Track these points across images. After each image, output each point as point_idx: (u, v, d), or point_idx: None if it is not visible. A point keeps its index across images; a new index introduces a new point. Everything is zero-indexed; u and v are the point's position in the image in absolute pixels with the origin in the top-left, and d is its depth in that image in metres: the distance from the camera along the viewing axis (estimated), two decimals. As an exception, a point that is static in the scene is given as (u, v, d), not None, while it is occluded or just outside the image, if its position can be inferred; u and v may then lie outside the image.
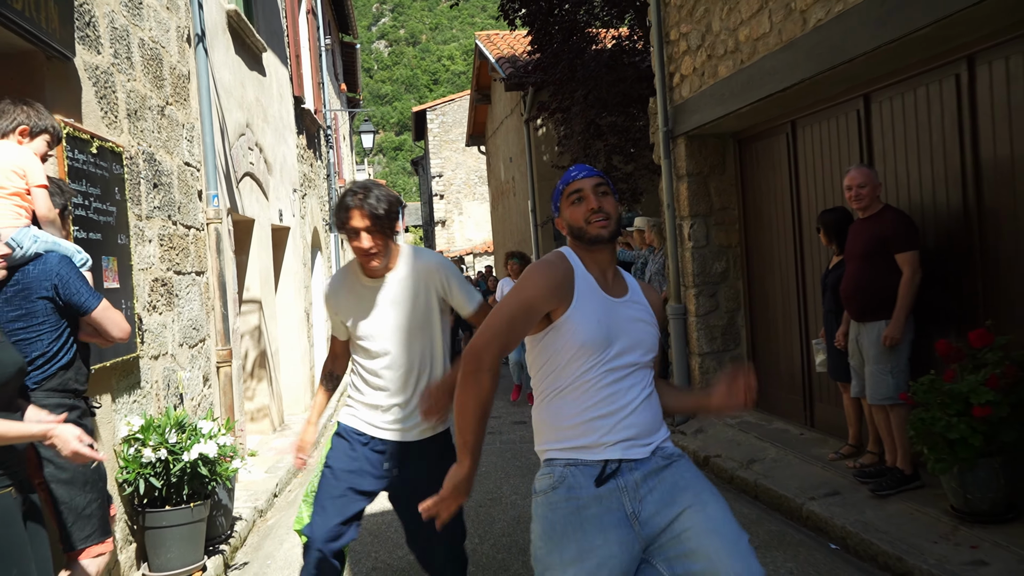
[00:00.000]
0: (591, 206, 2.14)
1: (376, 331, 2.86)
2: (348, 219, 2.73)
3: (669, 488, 2.05)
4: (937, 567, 3.48)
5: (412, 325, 2.86)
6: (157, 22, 4.98)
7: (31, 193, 2.84)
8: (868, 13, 4.14)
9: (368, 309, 2.87)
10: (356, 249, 2.77)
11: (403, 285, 2.87)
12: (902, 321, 4.14)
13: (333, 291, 2.96)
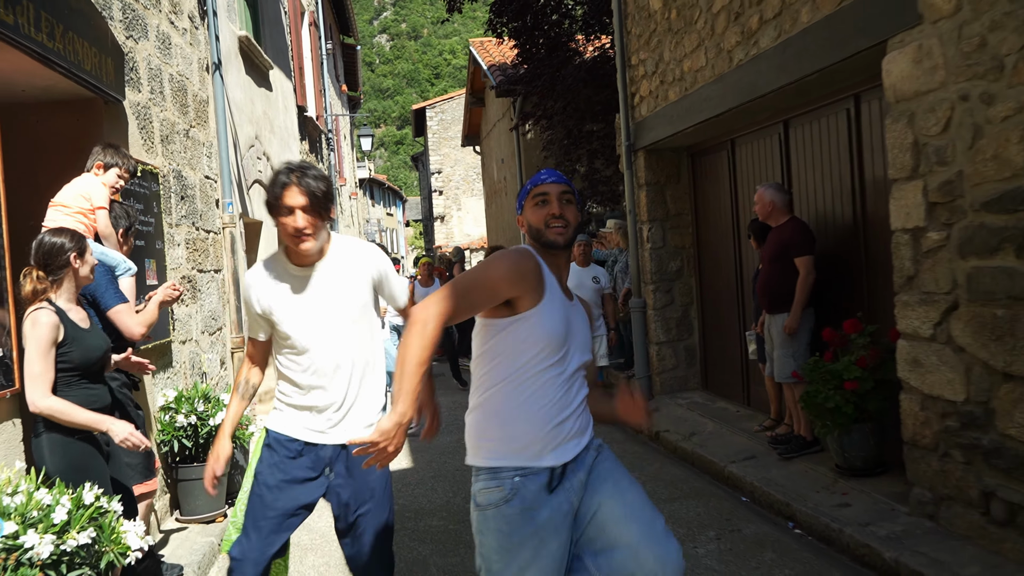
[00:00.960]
0: (553, 211, 2.23)
1: (307, 324, 2.64)
2: (283, 195, 2.53)
3: (593, 479, 2.17)
4: (813, 510, 4.36)
5: (347, 316, 2.66)
6: (182, 58, 5.85)
7: (95, 213, 3.73)
8: (773, 59, 5.02)
9: (298, 300, 2.64)
10: (287, 229, 2.54)
11: (336, 274, 2.66)
12: (798, 313, 5.03)
13: (256, 282, 2.68)
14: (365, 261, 2.70)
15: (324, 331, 2.64)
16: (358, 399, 2.70)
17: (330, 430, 2.67)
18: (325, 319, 2.63)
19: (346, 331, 2.65)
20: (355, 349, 2.68)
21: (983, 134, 3.38)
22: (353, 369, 2.68)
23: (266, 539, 2.60)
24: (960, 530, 3.67)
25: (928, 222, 3.76)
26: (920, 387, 3.90)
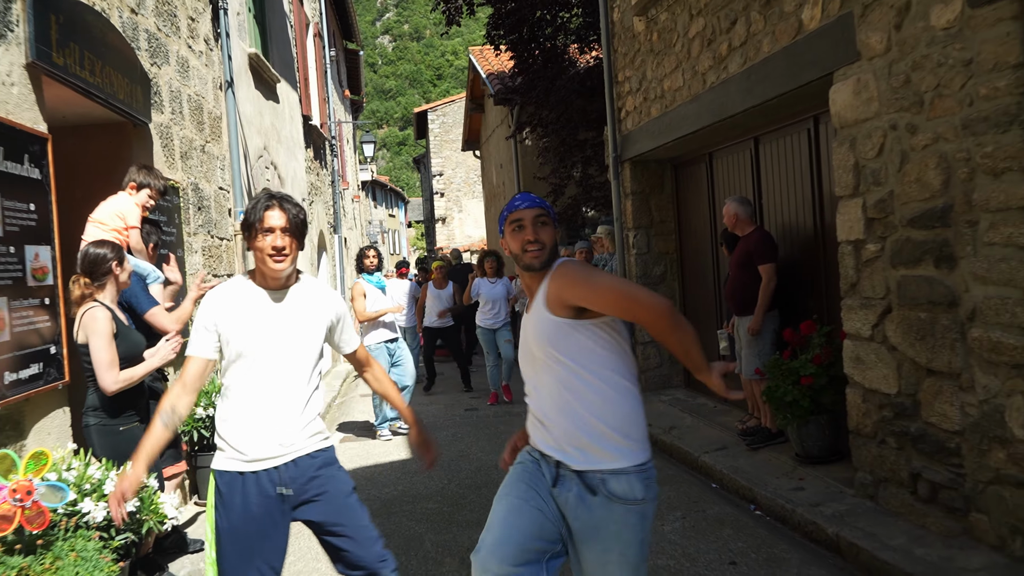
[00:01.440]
0: (528, 236, 2.38)
1: (269, 342, 2.68)
2: (265, 217, 2.64)
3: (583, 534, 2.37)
4: (772, 493, 4.83)
5: (303, 341, 2.73)
6: (199, 78, 6.34)
7: (128, 231, 4.21)
8: (741, 83, 5.49)
9: (262, 318, 2.69)
10: (266, 248, 2.63)
11: (303, 301, 2.77)
12: (761, 315, 5.50)
13: (220, 299, 2.71)
14: (331, 302, 2.84)
15: (287, 351, 2.69)
16: (288, 419, 2.69)
17: (281, 448, 2.66)
18: (289, 339, 2.69)
19: (302, 355, 2.71)
20: (305, 374, 2.72)
21: (908, 160, 3.85)
22: (298, 392, 2.71)
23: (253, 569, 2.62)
24: (893, 508, 4.14)
25: (867, 235, 4.23)
26: (862, 382, 4.37)
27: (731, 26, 5.62)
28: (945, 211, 3.65)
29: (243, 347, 2.65)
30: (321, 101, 14.22)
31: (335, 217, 14.66)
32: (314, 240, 12.12)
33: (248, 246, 2.72)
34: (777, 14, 4.99)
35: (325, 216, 13.79)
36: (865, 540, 3.90)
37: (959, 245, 3.58)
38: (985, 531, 3.55)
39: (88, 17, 3.93)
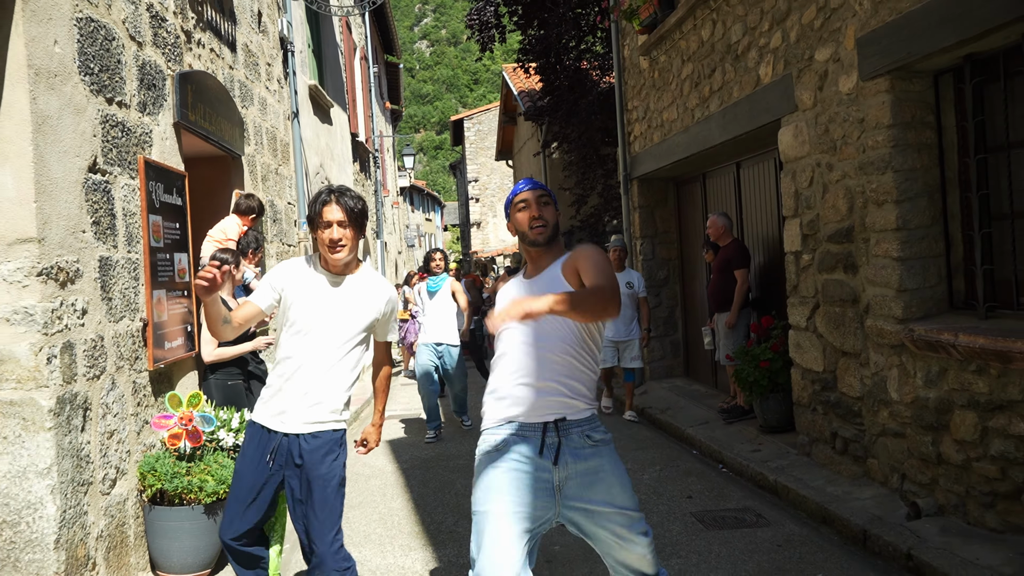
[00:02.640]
0: (533, 213, 2.62)
1: (315, 322, 2.92)
2: (323, 211, 2.88)
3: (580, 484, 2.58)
4: (735, 454, 6.00)
5: (349, 329, 2.95)
6: (273, 113, 7.68)
7: (227, 241, 5.52)
8: (719, 120, 6.67)
9: (316, 294, 2.93)
10: (324, 240, 2.89)
11: (360, 290, 2.99)
12: (735, 312, 6.67)
13: (292, 267, 3.00)
14: (383, 296, 3.06)
15: (324, 327, 2.91)
16: (321, 398, 2.94)
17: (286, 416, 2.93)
18: (331, 318, 2.92)
19: (341, 337, 2.94)
20: (341, 355, 2.95)
21: (827, 190, 5.02)
22: (330, 372, 2.94)
23: (242, 514, 2.95)
24: (820, 461, 5.31)
25: (803, 247, 5.40)
26: (801, 363, 5.54)
27: (712, 73, 6.80)
28: (849, 231, 4.81)
29: (295, 318, 2.92)
30: (366, 118, 15.60)
31: (378, 224, 16.02)
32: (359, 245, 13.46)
33: (313, 236, 3.03)
34: (743, 68, 6.17)
35: (369, 223, 15.15)
36: (794, 483, 5.07)
37: (859, 256, 4.75)
38: (876, 472, 4.70)
39: (208, 82, 5.25)
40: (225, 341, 4.18)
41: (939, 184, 4.33)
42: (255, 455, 2.97)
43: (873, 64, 4.39)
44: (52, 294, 3.15)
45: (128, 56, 4.02)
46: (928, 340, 4.08)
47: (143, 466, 3.87)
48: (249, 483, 2.95)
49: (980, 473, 3.84)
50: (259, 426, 2.99)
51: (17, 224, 3.04)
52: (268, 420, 2.97)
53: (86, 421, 3.38)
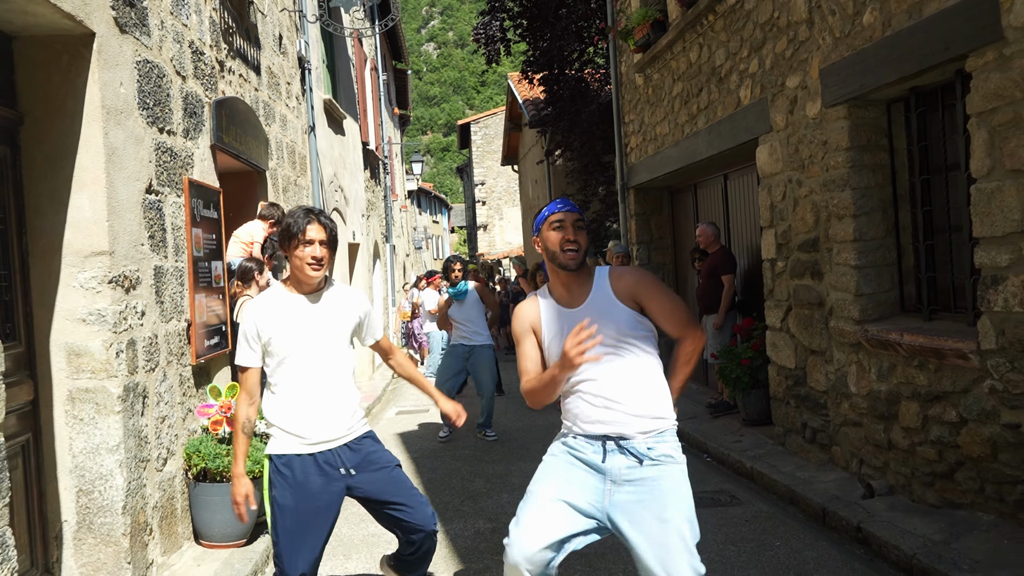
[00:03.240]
0: (568, 236, 2.62)
1: (309, 342, 3.01)
2: (307, 229, 2.95)
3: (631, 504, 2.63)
4: (718, 445, 6.53)
5: (339, 338, 3.08)
6: (292, 128, 8.25)
7: (252, 245, 6.09)
8: (705, 136, 7.21)
9: (304, 322, 3.02)
10: (305, 257, 2.95)
11: (338, 304, 3.11)
12: (722, 314, 7.20)
13: (259, 311, 3.04)
14: (358, 300, 3.22)
15: (325, 347, 3.03)
16: (340, 402, 3.08)
17: (324, 433, 3.02)
18: (327, 336, 3.04)
19: (337, 348, 3.07)
20: (342, 364, 3.09)
21: (798, 204, 5.56)
22: (338, 382, 3.07)
23: (306, 559, 2.97)
24: (792, 449, 5.84)
25: (777, 256, 5.94)
26: (776, 361, 6.07)
27: (699, 92, 7.34)
28: (816, 241, 5.35)
29: (288, 349, 2.99)
30: (376, 126, 16.18)
31: (387, 228, 16.60)
32: (370, 249, 14.04)
33: (286, 255, 3.05)
34: (726, 89, 6.71)
35: (379, 227, 15.73)
36: (767, 469, 5.61)
37: (823, 264, 5.28)
38: (839, 458, 5.24)
39: (238, 106, 5.81)
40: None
41: (892, 200, 4.87)
42: (298, 484, 2.98)
43: (834, 93, 4.93)
44: (119, 299, 3.72)
45: (175, 89, 4.59)
46: (880, 339, 4.62)
47: (188, 448, 4.43)
48: (297, 516, 2.97)
49: (922, 456, 4.37)
50: (291, 456, 3.01)
51: (92, 239, 3.60)
52: (305, 448, 3.01)
53: (144, 407, 3.94)
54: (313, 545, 2.98)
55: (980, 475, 3.95)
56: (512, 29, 14.25)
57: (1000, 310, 3.68)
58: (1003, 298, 3.66)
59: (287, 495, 2.97)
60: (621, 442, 2.60)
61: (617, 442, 2.60)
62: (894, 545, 3.98)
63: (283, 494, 2.98)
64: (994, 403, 3.79)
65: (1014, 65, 3.50)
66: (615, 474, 2.59)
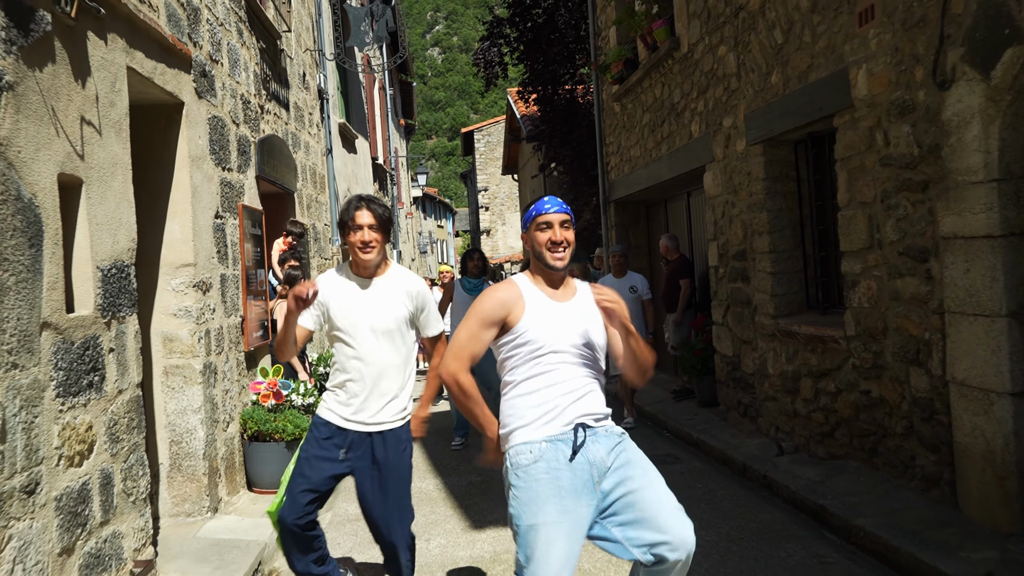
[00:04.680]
0: (554, 237, 2.66)
1: (355, 325, 3.15)
2: (355, 216, 3.12)
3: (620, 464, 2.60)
4: (677, 422, 7.76)
5: (385, 326, 3.16)
6: (313, 153, 9.52)
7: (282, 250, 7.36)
8: (667, 161, 8.46)
9: (353, 300, 3.17)
10: (355, 242, 3.12)
11: (387, 289, 3.21)
12: (679, 312, 8.45)
13: (325, 281, 3.23)
14: (413, 289, 3.28)
15: (368, 334, 3.16)
16: (383, 396, 3.21)
17: (353, 417, 3.21)
18: (371, 323, 3.16)
19: (383, 338, 3.18)
20: (389, 352, 3.20)
21: (732, 222, 6.81)
22: (383, 369, 3.19)
23: (304, 506, 3.17)
24: (732, 423, 7.09)
25: (719, 263, 7.19)
26: (720, 350, 7.32)
27: (662, 123, 8.60)
28: (744, 252, 6.60)
29: (339, 325, 3.20)
30: (384, 140, 17.47)
31: (394, 235, 17.89)
32: (379, 255, 15.31)
33: (343, 241, 3.24)
34: (682, 123, 7.97)
35: (387, 235, 17.00)
36: (708, 438, 6.85)
37: (750, 271, 6.53)
38: (763, 427, 6.48)
39: (275, 141, 7.08)
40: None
41: (799, 220, 6.12)
42: (322, 446, 3.23)
43: (753, 134, 6.18)
44: (200, 299, 4.98)
45: (232, 135, 5.86)
46: (786, 330, 5.87)
47: (244, 415, 5.70)
48: (319, 471, 3.20)
49: (814, 420, 5.62)
50: (331, 424, 3.25)
51: (181, 255, 4.87)
52: (342, 421, 3.22)
53: (216, 381, 5.21)
54: (304, 495, 3.18)
55: (849, 432, 5.19)
56: (509, 54, 15.53)
57: (856, 306, 4.93)
58: (858, 297, 4.91)
59: (307, 449, 3.26)
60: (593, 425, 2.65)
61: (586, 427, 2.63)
62: (785, 485, 5.23)
63: (305, 448, 3.27)
64: (855, 376, 5.04)
65: (860, 126, 4.75)
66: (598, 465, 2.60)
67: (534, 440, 2.59)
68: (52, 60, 3.16)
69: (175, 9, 4.74)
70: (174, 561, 4.24)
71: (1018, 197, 3.70)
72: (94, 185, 3.50)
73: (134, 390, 3.78)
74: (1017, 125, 3.66)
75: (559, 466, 2.54)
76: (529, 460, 2.56)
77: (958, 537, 3.88)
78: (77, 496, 3.17)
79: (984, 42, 3.66)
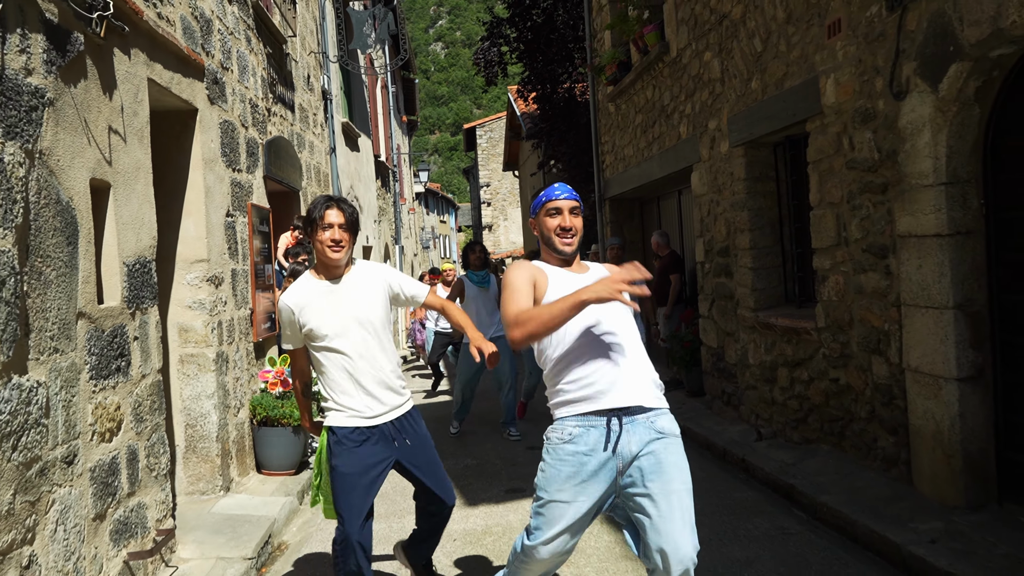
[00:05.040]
0: (564, 223, 2.71)
1: (342, 324, 3.17)
2: (325, 215, 3.15)
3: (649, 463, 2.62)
4: (664, 411, 8.12)
5: (372, 315, 3.23)
6: (318, 152, 9.86)
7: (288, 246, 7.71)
8: (657, 160, 8.80)
9: (331, 303, 3.18)
10: (325, 241, 3.14)
11: (361, 281, 3.25)
12: (669, 306, 8.79)
13: (292, 300, 3.22)
14: (382, 272, 3.36)
15: (356, 325, 3.20)
16: (386, 376, 3.28)
17: (385, 408, 3.26)
18: (356, 314, 3.20)
19: (372, 326, 3.24)
20: (378, 344, 3.27)
21: (717, 219, 7.15)
22: (378, 360, 3.25)
23: (364, 518, 3.20)
24: (716, 411, 7.44)
25: (705, 259, 7.53)
26: (706, 342, 7.67)
27: (653, 124, 8.93)
28: (727, 248, 6.94)
29: (324, 332, 3.20)
30: (386, 138, 17.81)
31: (396, 231, 18.23)
32: (381, 251, 15.67)
33: (310, 240, 3.26)
34: (671, 125, 8.30)
35: (389, 231, 17.36)
36: (694, 425, 7.20)
37: (733, 266, 6.87)
38: (744, 415, 6.83)
39: (281, 142, 7.43)
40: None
41: (778, 219, 6.46)
42: (355, 455, 3.21)
43: (735, 137, 6.52)
44: (212, 292, 5.34)
45: (241, 138, 6.21)
46: (765, 322, 6.21)
47: (253, 401, 6.06)
48: (363, 484, 3.21)
49: (790, 407, 5.97)
50: (347, 428, 3.24)
51: (196, 251, 5.22)
52: (360, 421, 3.24)
53: (227, 369, 5.57)
54: (364, 505, 3.20)
55: (820, 417, 5.54)
56: (509, 54, 15.85)
57: (826, 299, 5.28)
58: (827, 291, 5.25)
59: (345, 463, 3.19)
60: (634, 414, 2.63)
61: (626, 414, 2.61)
62: (760, 467, 5.58)
63: (342, 462, 3.20)
64: (825, 365, 5.38)
65: (829, 132, 5.09)
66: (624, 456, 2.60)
67: (568, 421, 2.64)
68: (84, 76, 3.51)
69: (190, 22, 5.09)
70: (191, 533, 4.60)
71: (964, 199, 4.04)
72: (120, 188, 3.86)
73: (155, 375, 4.14)
74: (963, 133, 3.99)
75: (588, 451, 2.58)
76: (559, 440, 2.63)
77: (910, 511, 4.23)
78: (108, 468, 3.53)
79: (933, 57, 4.00)
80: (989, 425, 4.06)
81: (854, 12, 4.70)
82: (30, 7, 3.04)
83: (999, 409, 4.05)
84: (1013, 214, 3.94)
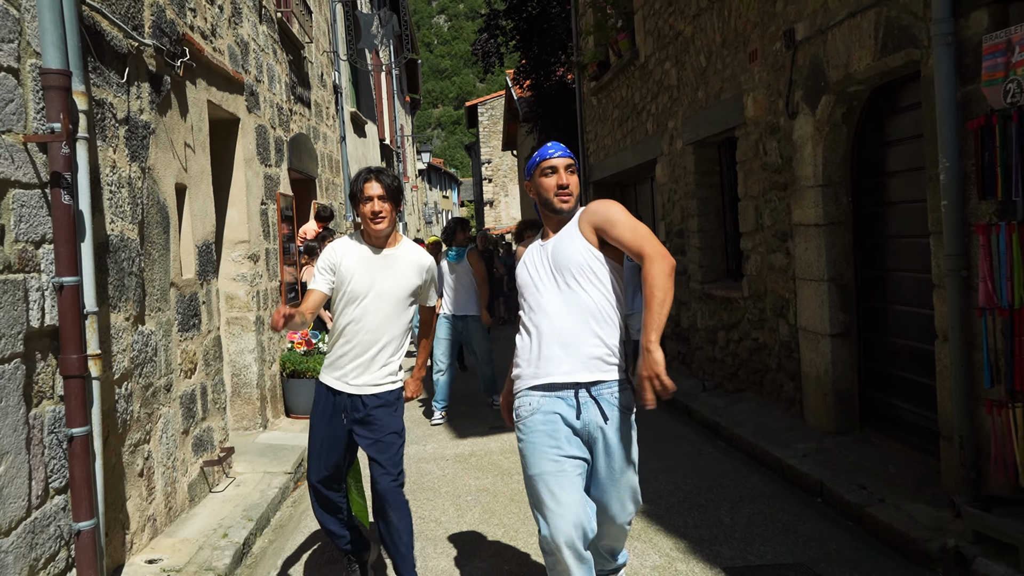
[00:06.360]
0: (560, 181, 2.68)
1: (363, 289, 3.25)
2: (364, 188, 3.24)
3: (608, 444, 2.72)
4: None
5: (392, 293, 3.29)
6: (330, 141, 11.06)
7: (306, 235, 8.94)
8: (631, 151, 9.99)
9: (363, 269, 3.27)
10: (367, 213, 3.23)
11: (398, 260, 3.33)
12: (640, 279, 10.02)
13: (339, 246, 3.37)
14: (423, 263, 3.39)
15: (374, 295, 3.26)
16: (377, 361, 3.29)
17: (352, 382, 3.30)
18: (378, 286, 3.27)
19: (389, 302, 3.28)
20: (389, 319, 3.29)
21: (675, 206, 8.36)
22: (383, 337, 3.28)
23: (323, 461, 3.39)
24: (673, 369, 8.69)
25: (666, 239, 8.76)
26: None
27: (627, 119, 10.11)
28: (682, 231, 8.16)
29: (348, 287, 3.28)
30: (390, 120, 18.96)
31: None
32: (387, 228, 16.88)
33: (355, 212, 3.37)
34: (640, 121, 9.48)
35: (393, 209, 18.56)
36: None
37: (686, 246, 8.10)
38: (695, 371, 8.10)
39: (301, 138, 8.63)
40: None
41: (720, 206, 7.68)
42: (325, 411, 3.38)
43: (687, 136, 7.71)
44: (252, 267, 6.58)
45: (271, 138, 7.42)
46: (708, 293, 7.45)
47: (283, 357, 7.33)
48: (321, 435, 3.39)
49: (726, 363, 7.22)
50: (326, 386, 3.39)
51: (239, 234, 6.46)
52: (333, 383, 3.34)
53: (263, 330, 6.83)
54: (327, 461, 3.38)
55: (747, 370, 6.80)
56: (505, 44, 16.96)
57: (749, 274, 6.51)
58: (750, 267, 6.49)
59: (316, 416, 3.43)
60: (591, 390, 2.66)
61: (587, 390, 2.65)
62: (698, 411, 6.85)
63: (314, 414, 3.45)
64: (748, 327, 6.63)
65: (750, 139, 6.29)
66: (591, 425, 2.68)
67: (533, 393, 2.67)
68: (170, 107, 4.73)
69: (234, 48, 6.29)
70: (242, 455, 5.89)
71: (836, 198, 5.26)
72: (192, 188, 5.09)
73: (216, 331, 5.40)
74: (835, 147, 5.20)
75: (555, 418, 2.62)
76: (527, 412, 2.66)
77: (796, 437, 5.50)
78: (190, 398, 4.80)
79: (812, 88, 5.20)
80: (854, 370, 5.32)
81: (766, 44, 5.89)
82: (140, 63, 4.26)
83: (861, 358, 5.30)
84: (871, 209, 5.16)
